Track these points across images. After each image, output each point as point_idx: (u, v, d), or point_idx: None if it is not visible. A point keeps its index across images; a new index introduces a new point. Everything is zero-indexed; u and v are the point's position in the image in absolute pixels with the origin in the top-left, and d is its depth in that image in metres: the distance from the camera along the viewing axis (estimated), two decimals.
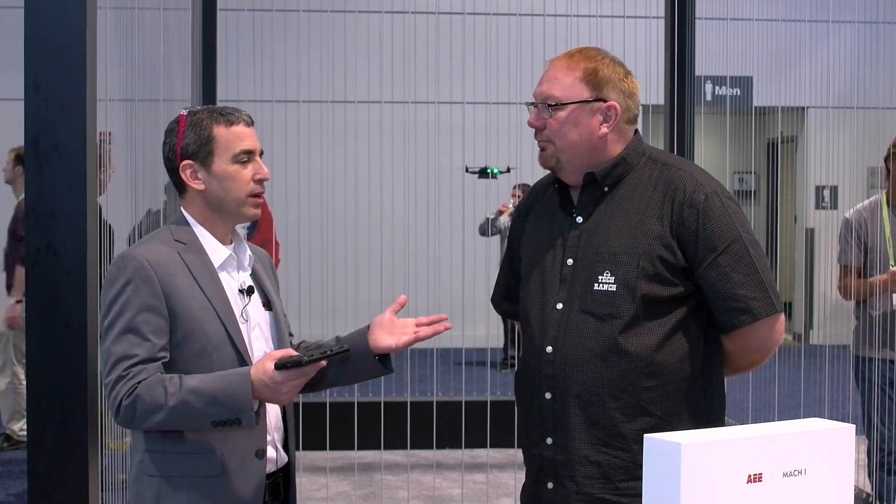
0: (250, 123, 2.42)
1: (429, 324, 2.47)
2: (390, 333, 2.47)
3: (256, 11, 6.69)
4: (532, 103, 2.44)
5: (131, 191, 4.47)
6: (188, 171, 2.38)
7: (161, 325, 2.28)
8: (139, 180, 4.49)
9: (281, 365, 2.22)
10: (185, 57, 5.29)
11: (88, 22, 3.01)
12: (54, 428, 3.00)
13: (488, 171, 7.13)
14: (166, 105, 4.74)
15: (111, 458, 3.98)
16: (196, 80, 5.37)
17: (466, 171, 7.12)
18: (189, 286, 2.31)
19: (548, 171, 2.51)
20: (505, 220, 9.42)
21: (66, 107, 2.99)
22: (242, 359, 2.34)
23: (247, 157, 2.39)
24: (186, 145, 2.37)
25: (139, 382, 2.23)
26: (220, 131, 2.37)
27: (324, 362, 2.28)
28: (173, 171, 2.41)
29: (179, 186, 2.42)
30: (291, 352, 2.28)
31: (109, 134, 4.18)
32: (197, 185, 2.38)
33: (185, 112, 2.40)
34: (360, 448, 6.31)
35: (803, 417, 2.20)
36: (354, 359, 2.47)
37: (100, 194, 3.43)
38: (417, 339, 2.46)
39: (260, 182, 2.40)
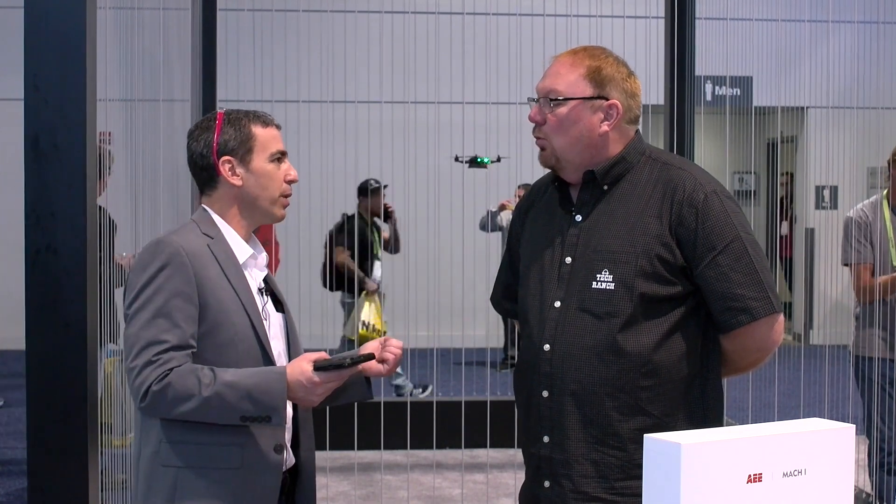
0: (279, 128, 2.50)
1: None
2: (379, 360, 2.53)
3: (256, 11, 6.68)
4: (534, 98, 2.44)
5: (131, 191, 4.47)
6: (227, 167, 2.42)
7: (192, 314, 2.28)
8: (139, 180, 4.48)
9: (320, 367, 2.24)
10: (185, 57, 5.29)
11: (88, 22, 3.01)
12: (54, 428, 3.00)
13: (478, 160, 7.14)
14: (166, 105, 4.75)
15: (111, 458, 3.98)
16: (196, 80, 5.37)
17: (456, 160, 7.13)
18: (218, 277, 2.34)
19: (547, 170, 2.51)
20: (507, 216, 9.42)
21: (66, 107, 2.99)
22: (266, 353, 2.36)
23: (281, 157, 2.47)
24: (225, 141, 2.42)
25: (171, 369, 2.23)
26: (259, 130, 2.44)
27: (360, 367, 2.32)
28: (205, 168, 2.44)
29: (208, 183, 2.46)
30: (325, 355, 2.32)
31: (109, 134, 4.18)
32: (235, 181, 2.42)
33: (221, 111, 2.46)
34: (360, 448, 6.31)
35: (803, 417, 2.20)
36: (350, 383, 2.51)
37: (98, 195, 3.43)
38: (395, 362, 2.50)
39: (290, 183, 2.48)
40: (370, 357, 2.38)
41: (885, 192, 4.79)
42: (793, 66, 9.44)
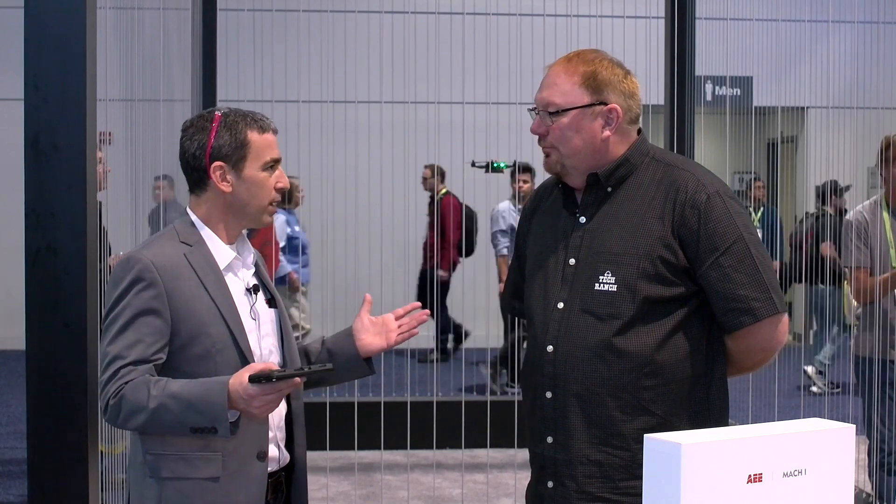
0: (276, 132, 2.44)
1: (405, 315, 2.59)
2: (376, 335, 2.57)
3: (256, 11, 6.68)
4: (533, 108, 2.44)
5: (131, 191, 4.47)
6: (218, 173, 2.37)
7: (160, 328, 2.28)
8: (139, 180, 4.49)
9: (255, 378, 2.18)
10: (185, 57, 5.29)
11: (88, 22, 3.01)
12: (54, 428, 3.00)
13: (494, 165, 7.15)
14: (166, 105, 4.75)
15: (111, 459, 3.98)
16: (196, 80, 5.37)
17: (473, 165, 7.13)
18: (194, 288, 2.32)
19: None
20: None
21: (66, 107, 2.99)
22: (247, 361, 2.34)
23: (274, 164, 2.41)
24: (219, 146, 2.36)
25: (126, 383, 2.24)
26: (255, 137, 2.38)
27: (297, 380, 2.22)
28: (196, 169, 2.39)
29: (198, 184, 2.41)
30: (272, 365, 2.26)
31: (109, 134, 4.18)
32: (224, 187, 2.38)
33: (219, 112, 2.40)
34: (360, 448, 6.31)
35: (803, 417, 2.20)
36: (345, 363, 2.55)
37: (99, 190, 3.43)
38: (404, 338, 2.58)
39: (279, 191, 2.43)
40: (325, 370, 2.31)
41: (883, 191, 4.78)
42: (793, 66, 9.44)
